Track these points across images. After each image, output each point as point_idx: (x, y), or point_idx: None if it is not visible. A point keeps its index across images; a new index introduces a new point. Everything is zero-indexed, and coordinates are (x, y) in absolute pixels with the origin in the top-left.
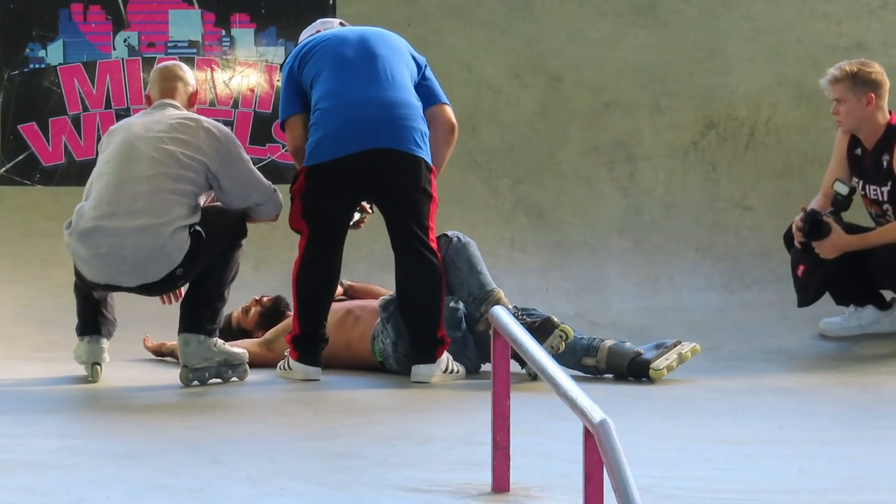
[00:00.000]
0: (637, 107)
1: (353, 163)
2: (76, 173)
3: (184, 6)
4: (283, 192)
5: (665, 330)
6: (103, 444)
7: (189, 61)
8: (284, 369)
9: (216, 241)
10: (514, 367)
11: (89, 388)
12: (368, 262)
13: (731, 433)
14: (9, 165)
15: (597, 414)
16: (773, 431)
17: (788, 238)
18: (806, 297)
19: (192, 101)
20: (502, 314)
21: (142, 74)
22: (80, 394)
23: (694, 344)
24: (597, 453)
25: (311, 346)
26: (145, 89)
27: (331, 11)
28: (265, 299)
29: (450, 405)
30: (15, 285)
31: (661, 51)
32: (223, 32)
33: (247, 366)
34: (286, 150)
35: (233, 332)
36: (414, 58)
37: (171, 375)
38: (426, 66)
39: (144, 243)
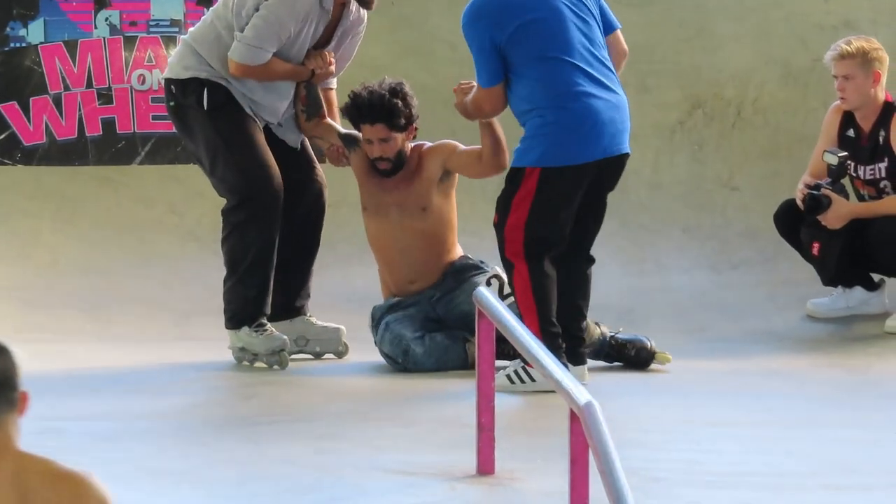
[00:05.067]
0: (624, 86)
1: (590, 170)
2: (57, 153)
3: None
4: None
5: (652, 311)
6: (84, 426)
7: (171, 40)
8: (521, 381)
9: (212, 133)
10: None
11: (68, 370)
12: (352, 243)
13: (718, 415)
14: None
15: (582, 396)
16: (761, 413)
17: (780, 219)
18: (828, 272)
19: None
20: (487, 295)
21: (123, 53)
22: (60, 375)
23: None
24: (582, 436)
25: (559, 348)
26: (127, 69)
27: None
28: None
29: (434, 388)
30: None
31: (647, 30)
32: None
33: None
34: None
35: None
36: None
37: (164, 355)
38: None
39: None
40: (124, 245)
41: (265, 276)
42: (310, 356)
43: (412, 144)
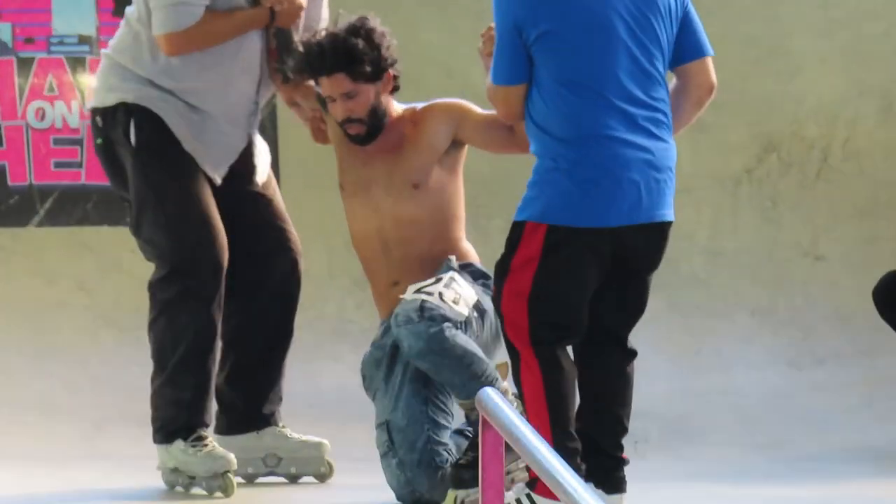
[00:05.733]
0: None
1: (612, 238)
2: None
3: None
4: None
5: (710, 419)
6: None
7: (79, 63)
8: None
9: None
10: None
11: None
12: (316, 330)
13: None
14: None
15: None
16: None
17: (880, 297)
18: None
19: None
20: (493, 396)
21: (16, 80)
22: None
23: None
24: None
25: (578, 468)
26: (21, 100)
27: None
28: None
29: None
30: None
31: None
32: None
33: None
34: None
35: None
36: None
37: (69, 478)
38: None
39: None
40: (16, 333)
41: (203, 372)
42: (283, 479)
43: (403, 106)
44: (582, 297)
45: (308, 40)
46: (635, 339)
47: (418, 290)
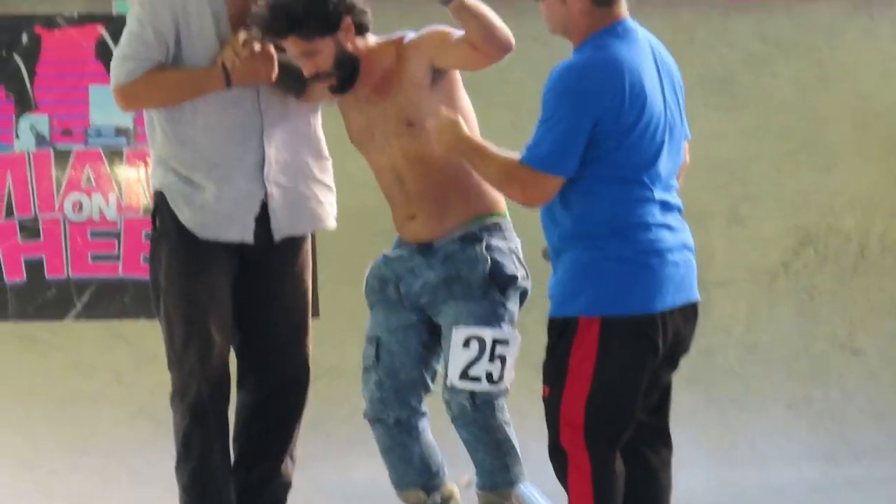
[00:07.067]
0: (709, 215)
1: (662, 324)
2: None
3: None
4: None
5: None
6: None
7: (117, 154)
8: None
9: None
10: None
11: None
12: (350, 425)
13: None
14: None
15: None
16: None
17: None
18: None
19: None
20: (533, 492)
21: (53, 172)
22: None
23: None
24: None
25: None
26: (58, 192)
27: None
28: None
29: None
30: None
31: (740, 140)
32: None
33: None
34: None
35: None
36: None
37: None
38: None
39: None
40: (54, 426)
41: (202, 465)
42: None
43: (381, 39)
44: (640, 389)
45: (258, 9)
46: (673, 438)
47: (464, 374)
